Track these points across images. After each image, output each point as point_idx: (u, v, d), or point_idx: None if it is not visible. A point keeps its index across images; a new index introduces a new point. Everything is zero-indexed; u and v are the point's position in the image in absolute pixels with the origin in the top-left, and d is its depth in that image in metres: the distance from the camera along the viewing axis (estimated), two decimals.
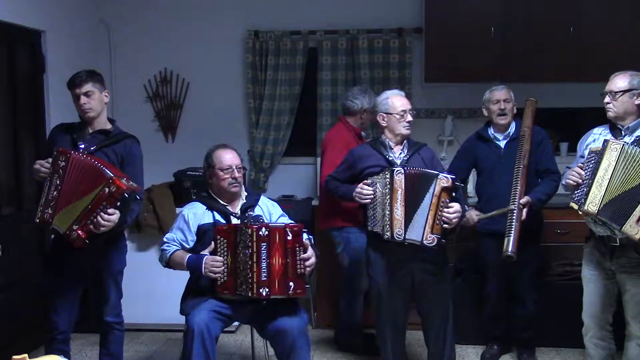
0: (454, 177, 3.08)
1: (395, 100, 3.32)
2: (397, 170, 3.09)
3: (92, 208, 2.86)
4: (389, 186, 3.09)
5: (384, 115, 3.33)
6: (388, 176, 3.10)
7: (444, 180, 3.03)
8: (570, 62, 4.43)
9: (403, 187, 3.06)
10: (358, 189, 3.19)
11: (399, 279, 3.22)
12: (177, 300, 3.19)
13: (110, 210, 2.87)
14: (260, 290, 2.91)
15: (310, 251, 3.01)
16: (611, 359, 3.14)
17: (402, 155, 3.30)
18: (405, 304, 3.31)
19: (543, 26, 4.47)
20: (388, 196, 3.09)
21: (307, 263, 2.98)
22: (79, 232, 2.87)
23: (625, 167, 2.78)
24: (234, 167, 3.17)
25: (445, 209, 3.02)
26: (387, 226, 3.08)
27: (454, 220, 3.02)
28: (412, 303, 3.33)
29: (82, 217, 2.87)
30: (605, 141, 2.87)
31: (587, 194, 2.84)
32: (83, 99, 3.08)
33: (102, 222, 2.87)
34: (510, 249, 3.22)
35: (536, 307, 3.79)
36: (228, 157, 3.18)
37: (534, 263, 3.76)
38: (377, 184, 3.14)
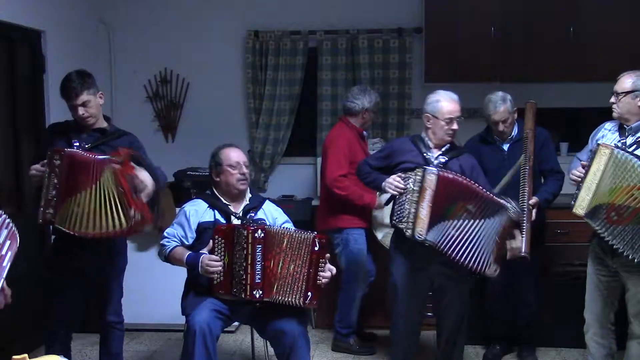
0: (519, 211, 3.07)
1: (445, 105, 3.22)
2: (430, 171, 3.04)
3: (125, 190, 2.87)
4: (419, 184, 3.05)
5: (430, 116, 3.25)
6: (420, 174, 3.06)
7: (513, 214, 3.03)
8: (570, 62, 4.43)
9: (433, 188, 3.02)
10: (390, 179, 3.15)
11: (418, 280, 3.22)
12: (177, 300, 3.19)
13: (135, 171, 2.93)
14: (254, 292, 2.91)
15: (330, 266, 3.01)
16: (612, 358, 3.14)
17: (441, 157, 3.24)
18: (422, 304, 3.32)
19: (543, 26, 4.46)
20: (416, 194, 3.05)
21: (325, 275, 2.97)
22: (138, 212, 2.89)
23: (614, 173, 2.78)
24: (242, 163, 3.19)
25: (509, 240, 3.04)
26: (410, 223, 3.04)
27: (511, 255, 3.06)
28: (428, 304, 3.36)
29: (125, 199, 2.87)
30: (598, 144, 2.88)
31: (577, 196, 2.86)
32: (81, 110, 3.05)
33: (140, 177, 2.93)
34: (523, 250, 3.21)
35: (539, 305, 3.80)
36: (235, 154, 3.21)
37: (538, 262, 3.76)
38: (409, 181, 3.10)
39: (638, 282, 2.91)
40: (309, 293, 2.94)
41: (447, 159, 3.23)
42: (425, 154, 3.23)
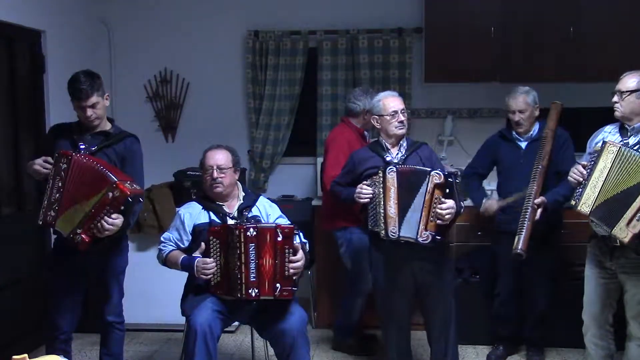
0: (446, 172, 3.09)
1: (387, 102, 3.32)
2: (390, 169, 3.12)
3: (95, 212, 2.85)
4: (382, 185, 3.11)
5: (377, 117, 3.35)
6: (381, 175, 3.13)
7: (436, 177, 3.05)
8: (570, 62, 4.42)
9: (395, 185, 3.09)
10: (358, 189, 3.21)
11: (401, 279, 3.24)
12: (177, 300, 3.19)
13: (114, 215, 2.87)
14: (250, 291, 2.91)
15: (300, 254, 2.99)
16: (610, 359, 3.14)
17: (400, 155, 3.31)
18: (409, 303, 3.32)
19: (543, 26, 4.46)
20: (382, 195, 3.11)
21: (293, 265, 2.95)
22: (83, 235, 2.86)
23: (620, 170, 2.78)
24: (214, 168, 3.16)
25: (439, 206, 3.03)
26: (382, 224, 3.10)
27: (447, 217, 3.03)
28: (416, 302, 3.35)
29: (86, 222, 2.86)
30: (604, 142, 2.87)
31: (581, 194, 2.86)
32: (89, 112, 3.04)
33: (106, 226, 2.87)
34: (519, 247, 3.24)
35: (549, 307, 3.80)
36: (211, 158, 3.19)
37: (549, 262, 3.76)
38: (375, 184, 3.16)
39: (637, 284, 2.91)
40: (277, 285, 2.92)
41: (405, 155, 3.29)
42: (385, 157, 3.30)
